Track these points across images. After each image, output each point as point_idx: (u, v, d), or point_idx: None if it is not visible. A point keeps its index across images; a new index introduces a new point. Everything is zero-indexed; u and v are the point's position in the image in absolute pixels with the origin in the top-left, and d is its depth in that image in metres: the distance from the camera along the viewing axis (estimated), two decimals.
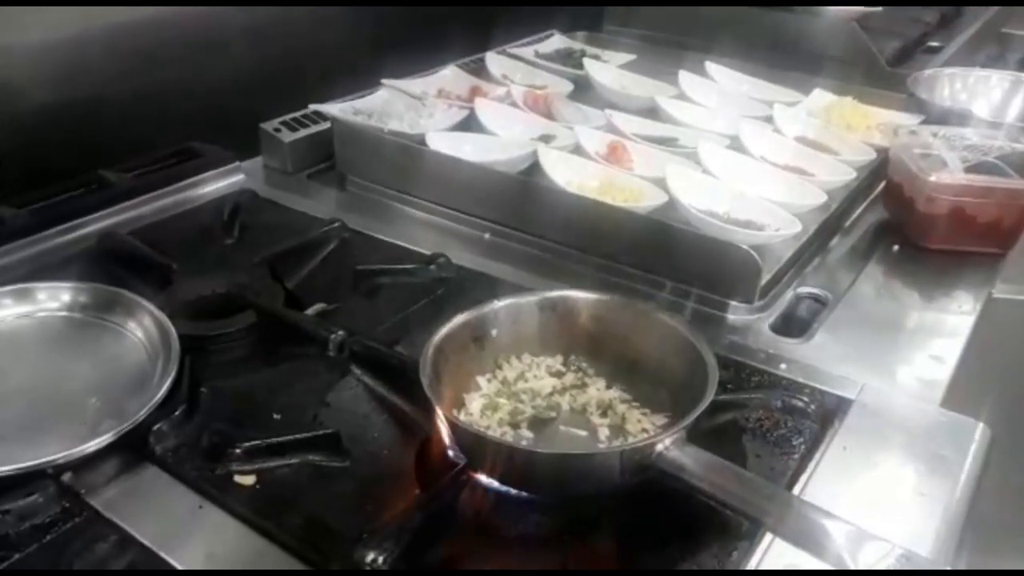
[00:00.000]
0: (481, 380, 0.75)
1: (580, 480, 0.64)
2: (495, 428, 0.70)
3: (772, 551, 0.62)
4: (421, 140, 1.12)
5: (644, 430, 0.70)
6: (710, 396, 0.65)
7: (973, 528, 0.68)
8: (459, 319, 0.74)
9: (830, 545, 0.56)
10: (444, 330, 0.73)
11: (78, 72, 1.11)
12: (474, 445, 0.65)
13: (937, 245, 1.04)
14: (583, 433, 0.71)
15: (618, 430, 0.71)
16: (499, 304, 0.77)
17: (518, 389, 0.74)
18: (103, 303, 0.82)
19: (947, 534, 0.65)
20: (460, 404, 0.73)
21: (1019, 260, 1.03)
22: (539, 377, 0.76)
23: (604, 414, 0.72)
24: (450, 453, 0.67)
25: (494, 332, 0.76)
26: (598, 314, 0.77)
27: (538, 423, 0.72)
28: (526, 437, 0.70)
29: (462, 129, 1.20)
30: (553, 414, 0.72)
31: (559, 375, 0.76)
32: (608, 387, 0.75)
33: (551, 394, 0.74)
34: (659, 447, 0.62)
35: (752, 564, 0.61)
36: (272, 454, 0.69)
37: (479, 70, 1.45)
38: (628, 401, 0.74)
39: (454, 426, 0.66)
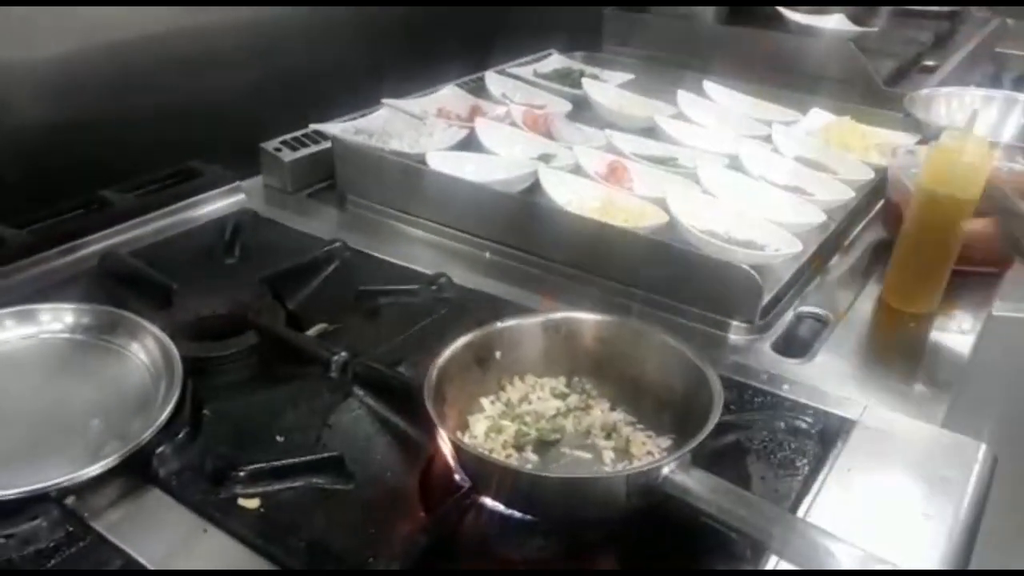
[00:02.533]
0: (485, 402, 0.75)
1: (586, 504, 0.64)
2: (499, 451, 0.70)
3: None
4: (421, 160, 1.12)
5: (649, 453, 0.70)
6: (715, 418, 0.64)
7: (980, 549, 0.68)
8: (463, 340, 0.74)
9: (836, 568, 0.56)
10: (448, 351, 0.72)
11: (78, 91, 1.12)
12: (479, 468, 0.65)
13: None
14: (588, 456, 0.71)
15: (623, 452, 0.71)
16: (503, 325, 0.77)
17: (522, 411, 0.74)
18: (106, 325, 0.82)
19: (953, 556, 0.65)
20: (464, 426, 0.73)
21: (1017, 278, 1.03)
22: (543, 399, 0.76)
23: (608, 436, 0.72)
24: (455, 476, 0.67)
25: (498, 353, 0.76)
26: (602, 335, 0.77)
27: (542, 446, 0.71)
28: (531, 460, 0.70)
29: (462, 148, 1.20)
30: (557, 436, 0.72)
31: (563, 397, 0.76)
32: (612, 409, 0.75)
33: (555, 416, 0.74)
34: (665, 470, 0.62)
35: None
36: (276, 477, 0.69)
37: (478, 89, 1.46)
38: (632, 423, 0.74)
39: (459, 449, 0.65)
